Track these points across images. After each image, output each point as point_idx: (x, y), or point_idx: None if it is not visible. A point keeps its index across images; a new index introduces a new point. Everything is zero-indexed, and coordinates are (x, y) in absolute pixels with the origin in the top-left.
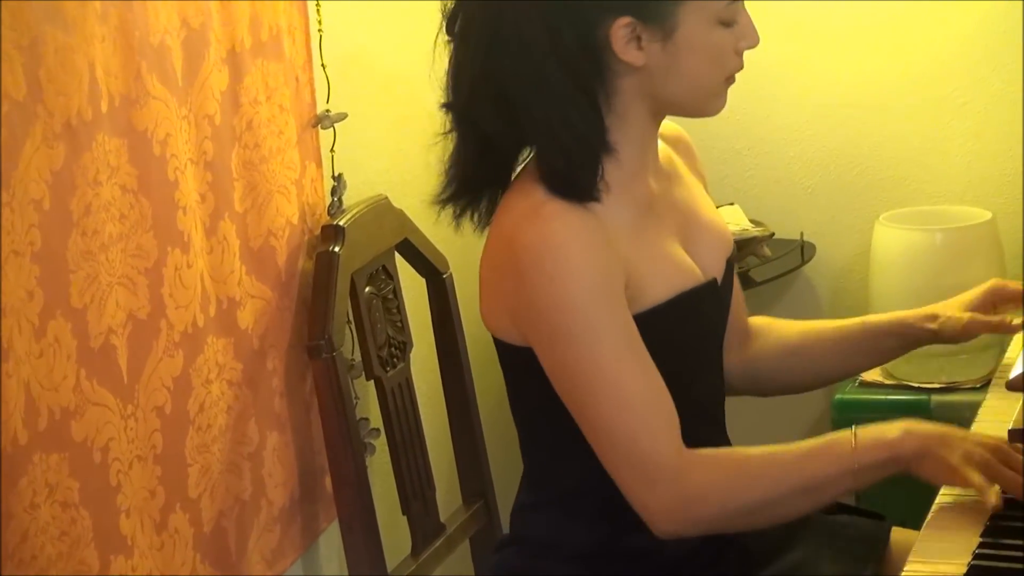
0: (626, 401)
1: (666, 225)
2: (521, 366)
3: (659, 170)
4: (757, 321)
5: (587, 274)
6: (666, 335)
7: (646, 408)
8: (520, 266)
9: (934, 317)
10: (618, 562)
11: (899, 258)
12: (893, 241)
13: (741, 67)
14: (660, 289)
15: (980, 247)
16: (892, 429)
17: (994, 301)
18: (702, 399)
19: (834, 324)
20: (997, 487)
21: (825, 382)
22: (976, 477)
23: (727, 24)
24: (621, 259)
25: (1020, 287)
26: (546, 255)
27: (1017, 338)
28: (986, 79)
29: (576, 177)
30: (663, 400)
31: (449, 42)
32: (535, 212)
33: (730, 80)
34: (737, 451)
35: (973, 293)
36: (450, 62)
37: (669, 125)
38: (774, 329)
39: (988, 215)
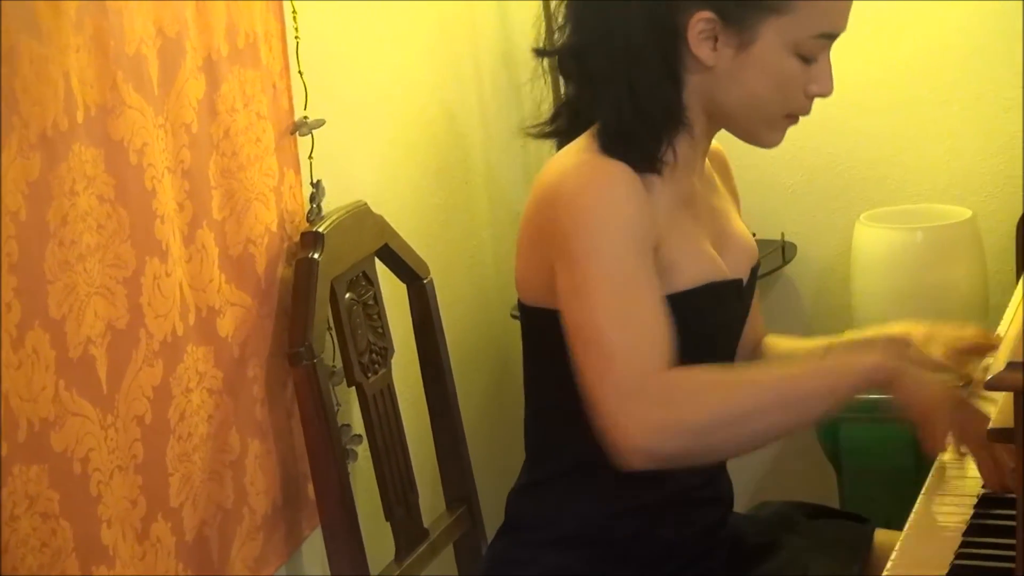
0: (627, 319)
1: (702, 222)
2: (544, 331)
3: (703, 176)
4: (768, 339)
5: (624, 214)
6: (689, 322)
7: (641, 328)
8: (562, 199)
9: (907, 346)
10: (610, 548)
11: (880, 257)
12: (874, 240)
13: (807, 111)
14: (689, 275)
15: (961, 245)
16: (866, 358)
17: (973, 353)
18: None
19: (818, 343)
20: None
21: None
22: (941, 429)
23: (805, 59)
24: (657, 228)
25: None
26: (590, 190)
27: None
28: (965, 78)
29: (641, 140)
30: (661, 328)
31: None
32: (590, 163)
33: (792, 118)
34: (718, 368)
35: (955, 337)
36: (552, 10)
37: (712, 143)
38: (768, 344)
39: (968, 213)
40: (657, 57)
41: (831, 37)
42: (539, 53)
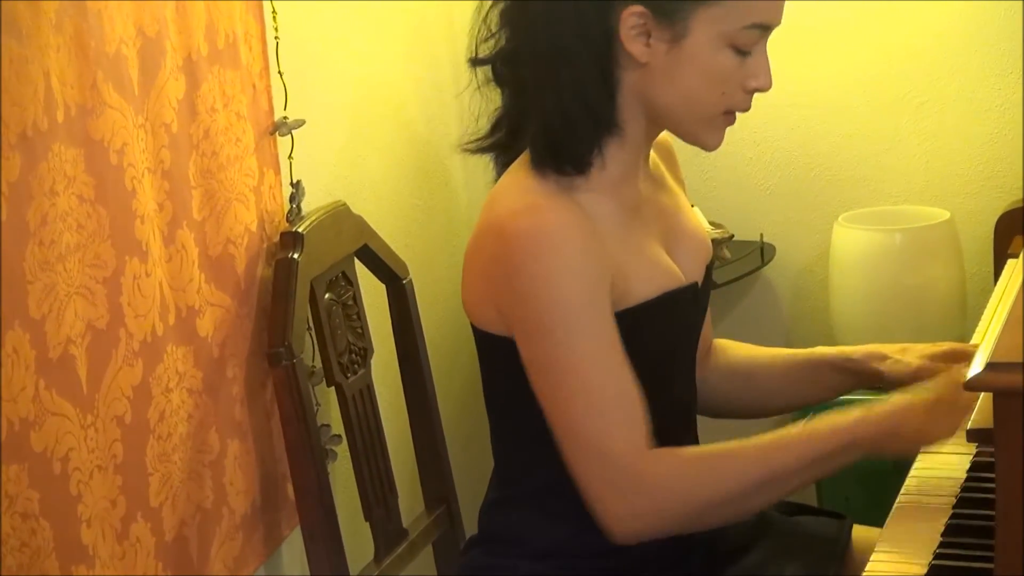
0: (597, 403)
1: (651, 228)
2: (500, 356)
3: (648, 175)
4: (718, 342)
5: (578, 272)
6: (649, 334)
7: (616, 411)
8: (512, 257)
9: (881, 357)
10: (584, 561)
11: (859, 258)
12: (852, 242)
13: (746, 107)
14: (644, 288)
15: (939, 247)
16: (847, 416)
17: (951, 361)
18: (681, 399)
19: (784, 353)
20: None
21: (772, 411)
22: (945, 434)
23: (740, 52)
24: (609, 262)
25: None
26: (541, 249)
27: (977, 338)
28: (943, 79)
29: (572, 145)
30: (634, 404)
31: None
32: (531, 205)
33: (730, 116)
34: (699, 448)
35: (929, 347)
36: (482, 18)
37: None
38: (727, 351)
39: (947, 215)
40: (587, 58)
41: (765, 28)
42: (473, 63)
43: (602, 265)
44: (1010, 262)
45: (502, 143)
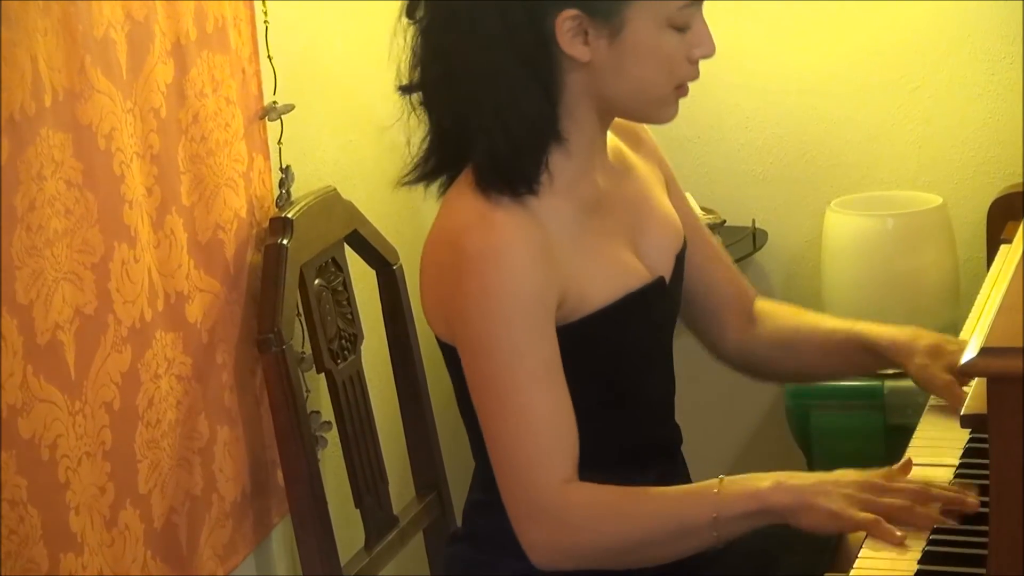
0: (529, 427)
1: (613, 224)
2: (458, 367)
3: (607, 167)
4: (762, 305)
5: (522, 291)
6: (613, 337)
7: (547, 438)
8: (460, 271)
9: (910, 356)
10: None
11: (851, 244)
12: (845, 227)
13: (695, 76)
14: (604, 292)
15: (932, 232)
16: (763, 480)
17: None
18: (653, 397)
19: (823, 327)
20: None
21: (810, 379)
22: (863, 516)
23: (680, 29)
24: (561, 269)
25: None
26: (488, 266)
27: (970, 324)
28: (936, 64)
29: (520, 167)
30: (566, 432)
31: (409, 25)
32: (483, 218)
33: (682, 89)
34: (617, 489)
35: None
36: (409, 45)
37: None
38: (774, 318)
39: (939, 200)
40: (524, 72)
41: (698, 1)
42: (404, 90)
43: (550, 284)
44: (1003, 248)
45: (443, 168)
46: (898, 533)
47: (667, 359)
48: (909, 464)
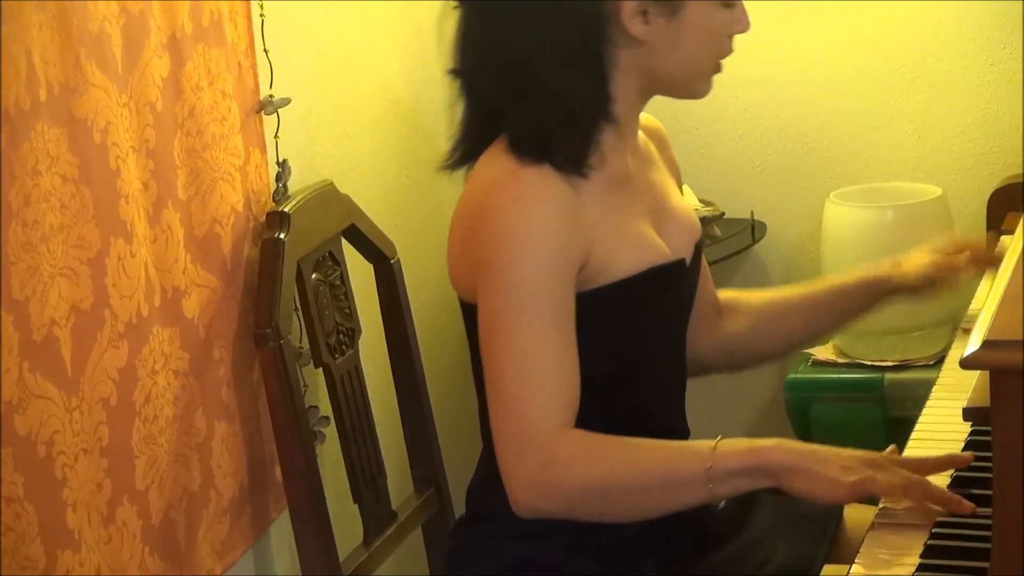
0: (530, 371)
1: (638, 203)
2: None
3: (636, 150)
4: (725, 296)
5: (545, 244)
6: (630, 311)
7: (546, 384)
8: (488, 219)
9: (897, 265)
10: (573, 540)
11: (850, 236)
12: (844, 219)
13: (730, 51)
14: (629, 262)
15: (931, 224)
16: (762, 441)
17: (956, 250)
18: (666, 378)
19: (800, 289)
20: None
21: (796, 346)
22: (851, 490)
23: (728, 6)
24: (587, 234)
25: (980, 243)
26: (513, 214)
27: (971, 313)
28: (935, 54)
29: (573, 147)
30: (567, 383)
31: (456, 7)
32: (513, 174)
33: (718, 66)
34: (607, 436)
35: (936, 241)
36: (457, 28)
37: (646, 116)
38: (743, 303)
39: (939, 191)
40: (584, 53)
41: None
42: (456, 73)
43: (574, 240)
44: (1003, 239)
45: (481, 151)
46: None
47: (680, 346)
48: (894, 453)
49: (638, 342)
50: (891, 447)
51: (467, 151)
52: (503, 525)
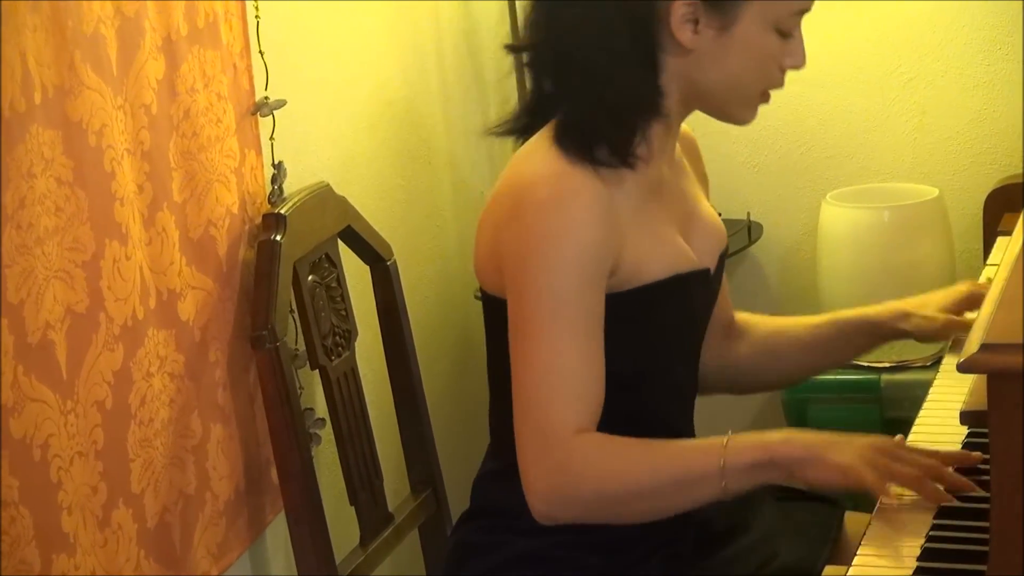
0: (555, 373)
1: (669, 211)
2: (502, 321)
3: (672, 160)
4: (743, 317)
5: (582, 243)
6: (656, 313)
7: (571, 386)
8: (525, 216)
9: (905, 316)
10: (578, 535)
11: (847, 237)
12: (840, 220)
13: (781, 85)
14: (657, 267)
15: (928, 224)
16: (773, 434)
17: (968, 306)
18: (680, 385)
19: (805, 323)
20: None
21: (795, 381)
22: (870, 475)
23: (783, 34)
24: (620, 238)
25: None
26: (552, 213)
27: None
28: (931, 55)
29: (619, 137)
30: (592, 387)
31: None
32: (554, 171)
33: (766, 95)
34: (622, 439)
35: (946, 295)
36: (526, 12)
37: (681, 126)
38: (751, 329)
39: (935, 192)
40: (635, 46)
41: (807, 11)
42: (512, 49)
43: (609, 244)
44: (1000, 240)
45: (527, 127)
46: (892, 495)
47: (694, 354)
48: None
49: (655, 346)
50: (898, 436)
51: (524, 126)
52: (509, 519)
